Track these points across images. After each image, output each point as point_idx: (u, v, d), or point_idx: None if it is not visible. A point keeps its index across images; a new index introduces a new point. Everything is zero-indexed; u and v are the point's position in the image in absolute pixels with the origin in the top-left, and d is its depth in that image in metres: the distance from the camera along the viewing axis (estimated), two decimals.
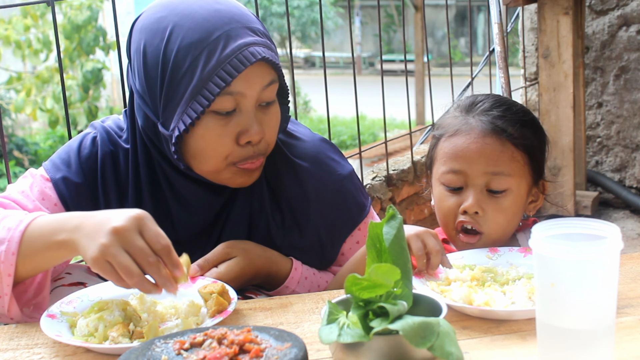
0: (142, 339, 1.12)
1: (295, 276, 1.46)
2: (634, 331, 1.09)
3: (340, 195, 1.51)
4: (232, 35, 1.31)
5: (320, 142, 1.56)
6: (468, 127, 1.50)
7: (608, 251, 0.90)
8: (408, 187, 3.08)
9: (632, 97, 3.94)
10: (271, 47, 1.37)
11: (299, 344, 0.94)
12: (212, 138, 1.34)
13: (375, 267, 0.94)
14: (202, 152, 1.36)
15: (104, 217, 1.15)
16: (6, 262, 1.22)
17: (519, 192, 1.49)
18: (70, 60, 7.84)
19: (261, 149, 1.39)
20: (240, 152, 1.36)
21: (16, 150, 8.57)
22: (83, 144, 1.48)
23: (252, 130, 1.35)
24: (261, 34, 1.37)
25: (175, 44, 1.31)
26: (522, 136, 1.49)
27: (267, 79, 1.35)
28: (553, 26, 3.62)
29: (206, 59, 1.30)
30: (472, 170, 1.47)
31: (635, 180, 4.03)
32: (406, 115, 3.27)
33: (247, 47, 1.31)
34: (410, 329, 0.89)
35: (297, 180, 1.49)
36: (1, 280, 1.23)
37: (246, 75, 1.31)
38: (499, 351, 1.06)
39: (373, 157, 6.90)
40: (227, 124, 1.34)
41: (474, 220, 1.48)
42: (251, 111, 1.35)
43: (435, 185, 1.55)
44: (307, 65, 22.49)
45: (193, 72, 1.30)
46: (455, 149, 1.50)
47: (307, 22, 15.65)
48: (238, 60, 1.29)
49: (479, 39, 21.97)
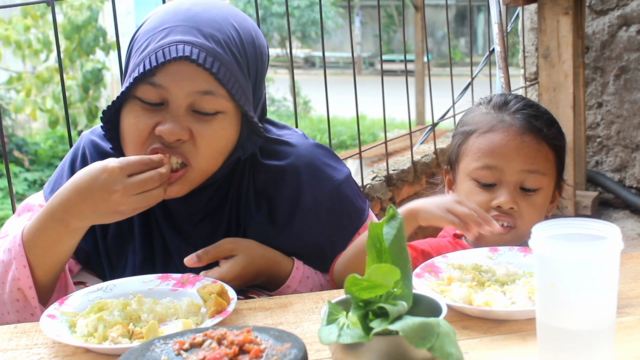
0: (142, 339, 1.12)
1: (297, 275, 1.46)
2: (634, 331, 1.09)
3: (338, 201, 1.49)
4: (175, 30, 1.32)
5: (313, 147, 1.52)
6: (505, 124, 1.50)
7: (608, 251, 0.90)
8: (408, 187, 3.07)
9: (632, 97, 3.94)
10: (217, 56, 1.31)
11: (298, 345, 0.94)
12: (130, 121, 1.35)
13: (375, 267, 0.93)
14: (124, 134, 1.38)
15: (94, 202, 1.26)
16: (22, 277, 1.30)
17: (548, 191, 1.52)
18: (70, 61, 7.84)
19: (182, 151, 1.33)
20: (154, 142, 1.34)
21: (16, 150, 8.57)
22: (74, 163, 1.50)
23: (167, 125, 1.32)
24: (214, 41, 1.32)
25: (141, 29, 1.38)
26: (555, 136, 1.52)
27: (201, 85, 1.31)
28: (553, 26, 3.62)
29: (145, 46, 1.33)
30: (509, 167, 1.47)
31: (635, 180, 4.03)
32: (406, 115, 3.26)
33: (177, 44, 1.30)
34: (410, 329, 0.89)
35: (293, 187, 1.47)
36: (27, 300, 1.32)
37: (172, 71, 1.30)
38: (499, 351, 1.06)
39: (373, 157, 6.90)
40: (150, 113, 1.34)
41: (508, 216, 1.48)
42: (176, 110, 1.32)
43: (463, 181, 1.54)
44: (307, 65, 22.49)
45: (135, 57, 1.35)
46: (492, 145, 1.49)
47: (307, 22, 15.64)
48: (162, 52, 1.30)
49: (479, 39, 21.96)
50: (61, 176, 1.51)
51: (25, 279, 1.30)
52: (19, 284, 1.30)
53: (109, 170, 1.24)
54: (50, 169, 8.50)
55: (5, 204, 7.34)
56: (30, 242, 1.30)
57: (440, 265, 1.35)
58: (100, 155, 1.47)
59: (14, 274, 1.30)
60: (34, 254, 1.30)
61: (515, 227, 1.49)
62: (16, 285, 1.31)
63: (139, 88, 1.32)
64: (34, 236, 1.30)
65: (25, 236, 1.31)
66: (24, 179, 8.06)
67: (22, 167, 8.31)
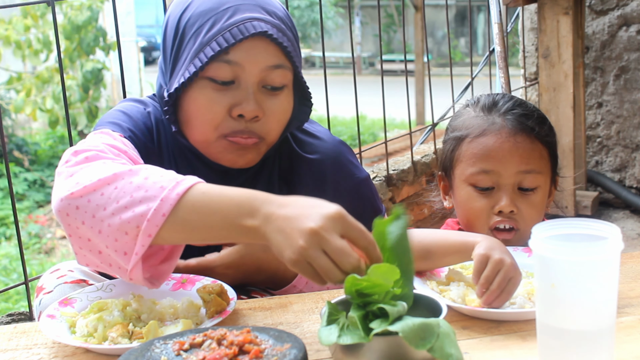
0: (142, 339, 1.12)
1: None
2: (634, 331, 1.09)
3: (358, 198, 1.51)
4: (240, 9, 1.34)
5: (340, 144, 1.56)
6: (496, 126, 1.50)
7: (608, 251, 0.90)
8: (408, 187, 3.07)
9: (632, 97, 3.94)
10: (284, 31, 1.37)
11: (298, 345, 0.94)
12: (203, 103, 1.35)
13: (374, 267, 0.94)
14: (193, 117, 1.37)
15: (297, 212, 1.03)
16: (152, 221, 1.09)
17: (546, 188, 1.52)
18: (70, 61, 7.84)
19: (256, 129, 1.37)
20: (231, 124, 1.36)
21: (16, 150, 8.57)
22: (141, 114, 1.45)
23: (245, 103, 1.34)
24: (277, 17, 1.37)
25: (190, 12, 1.36)
26: (547, 133, 1.52)
27: (272, 60, 1.35)
28: (553, 26, 3.61)
29: (210, 26, 1.33)
30: (505, 170, 1.47)
31: (635, 180, 4.03)
32: (406, 115, 3.26)
33: (251, 21, 1.33)
34: (410, 330, 0.89)
35: (316, 179, 1.49)
36: (137, 238, 1.10)
37: (247, 48, 1.33)
38: (499, 351, 1.06)
39: (373, 157, 6.89)
40: (223, 94, 1.35)
41: (510, 219, 1.48)
42: (250, 87, 1.35)
43: (460, 187, 1.53)
44: (307, 65, 22.48)
45: (196, 38, 1.34)
46: (485, 149, 1.49)
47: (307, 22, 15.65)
48: (238, 29, 1.32)
49: (479, 39, 21.96)
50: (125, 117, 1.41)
51: (152, 226, 1.09)
52: (144, 224, 1.09)
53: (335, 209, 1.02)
54: (50, 169, 8.49)
55: (5, 204, 7.34)
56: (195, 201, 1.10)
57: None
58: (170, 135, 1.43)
59: (147, 211, 1.09)
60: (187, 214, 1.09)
61: (518, 230, 1.48)
62: (137, 222, 1.10)
63: (211, 67, 1.33)
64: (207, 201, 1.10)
65: (198, 194, 1.10)
66: (24, 179, 8.06)
67: (22, 167, 8.31)
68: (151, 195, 1.10)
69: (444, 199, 1.62)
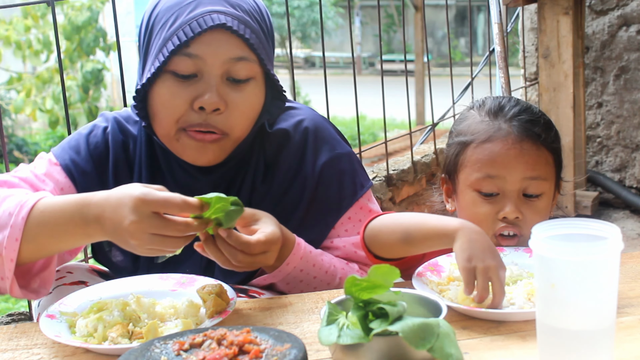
0: (142, 339, 1.12)
1: (297, 252, 1.40)
2: (634, 331, 1.09)
3: (337, 171, 1.50)
4: (203, 2, 1.35)
5: (321, 118, 1.56)
6: (502, 132, 1.48)
7: (608, 252, 0.90)
8: (408, 187, 3.07)
9: (632, 97, 3.94)
10: (247, 23, 1.36)
11: (298, 345, 0.93)
12: (166, 97, 1.36)
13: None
14: (157, 111, 1.38)
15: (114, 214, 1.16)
16: (9, 248, 1.22)
17: (550, 193, 1.51)
18: (70, 61, 7.84)
19: (218, 124, 1.36)
20: (191, 117, 1.36)
21: (16, 150, 8.58)
22: (93, 133, 1.50)
23: (206, 95, 1.34)
24: (241, 10, 1.37)
25: (158, 8, 1.38)
26: (553, 140, 1.51)
27: (234, 52, 1.35)
28: (553, 26, 3.61)
29: (173, 20, 1.34)
30: (510, 176, 1.46)
31: (635, 180, 4.03)
32: (406, 115, 3.26)
33: (210, 14, 1.33)
34: (410, 330, 0.89)
35: (296, 154, 1.48)
36: (3, 265, 1.23)
37: (207, 41, 1.33)
38: (499, 351, 1.06)
39: (373, 157, 6.90)
40: (185, 87, 1.35)
41: (514, 226, 1.47)
42: (212, 79, 1.35)
43: (465, 192, 1.52)
44: (307, 65, 22.49)
45: (161, 33, 1.35)
46: (491, 155, 1.47)
47: (308, 22, 15.64)
48: (197, 23, 1.32)
49: (479, 39, 21.96)
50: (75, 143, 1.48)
51: (11, 251, 1.22)
52: (3, 251, 1.23)
53: (134, 198, 1.15)
54: None
55: None
56: (38, 221, 1.23)
57: (443, 264, 1.34)
58: (122, 132, 1.49)
59: (2, 239, 1.23)
60: (35, 233, 1.22)
61: (522, 236, 1.48)
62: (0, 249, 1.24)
63: (173, 61, 1.34)
64: (46, 218, 1.23)
65: (37, 213, 1.23)
66: None
67: None
68: (3, 224, 1.23)
69: (447, 201, 1.61)
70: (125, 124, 1.51)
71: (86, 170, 1.45)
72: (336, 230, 1.51)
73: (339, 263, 1.49)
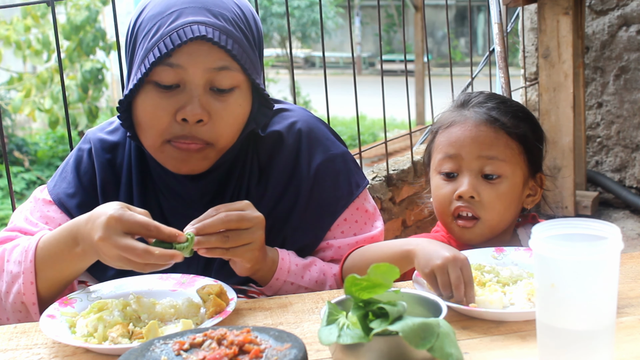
0: (142, 339, 1.12)
1: (284, 266, 1.41)
2: (634, 331, 1.09)
3: (332, 172, 1.49)
4: (185, 12, 1.34)
5: (314, 119, 1.55)
6: (463, 117, 1.57)
7: (608, 251, 0.90)
8: (408, 187, 3.07)
9: (632, 97, 3.94)
10: (229, 33, 1.34)
11: (298, 345, 0.93)
12: (149, 109, 1.35)
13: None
14: (141, 123, 1.38)
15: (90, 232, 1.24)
16: (28, 293, 1.32)
17: (514, 179, 1.53)
18: (70, 61, 7.84)
19: (202, 135, 1.36)
20: (175, 129, 1.35)
21: (16, 150, 8.57)
22: (79, 160, 1.51)
23: (188, 107, 1.33)
24: (224, 19, 1.35)
25: (142, 17, 1.38)
26: (515, 126, 1.54)
27: (216, 62, 1.34)
28: (553, 26, 3.62)
29: (155, 30, 1.33)
30: (466, 154, 1.52)
31: (635, 180, 4.03)
32: (406, 115, 3.26)
33: (191, 25, 1.32)
34: (410, 330, 0.89)
35: (290, 156, 1.48)
36: (28, 312, 1.34)
37: (189, 52, 1.32)
38: (499, 351, 1.06)
39: (373, 157, 6.90)
40: (168, 98, 1.34)
41: (470, 206, 1.50)
42: (195, 89, 1.34)
43: (433, 178, 1.59)
44: (307, 65, 22.49)
45: (144, 43, 1.34)
46: (450, 137, 1.55)
47: (307, 22, 15.64)
48: (177, 34, 1.31)
49: (479, 39, 21.97)
50: (65, 174, 1.51)
51: (30, 295, 1.31)
52: (23, 298, 1.32)
53: (107, 215, 1.21)
54: (50, 169, 8.50)
55: (5, 203, 7.34)
56: (42, 256, 1.32)
57: None
58: (106, 150, 1.49)
59: (20, 288, 1.32)
60: (43, 270, 1.32)
61: (479, 219, 1.50)
62: (20, 298, 1.32)
63: (155, 72, 1.33)
64: (47, 251, 1.32)
65: (40, 251, 1.32)
66: (23, 179, 8.06)
67: (22, 167, 8.32)
68: (16, 274, 1.33)
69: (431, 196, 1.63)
70: (108, 138, 1.51)
71: (80, 201, 1.47)
72: (332, 232, 1.50)
73: (330, 270, 1.48)
